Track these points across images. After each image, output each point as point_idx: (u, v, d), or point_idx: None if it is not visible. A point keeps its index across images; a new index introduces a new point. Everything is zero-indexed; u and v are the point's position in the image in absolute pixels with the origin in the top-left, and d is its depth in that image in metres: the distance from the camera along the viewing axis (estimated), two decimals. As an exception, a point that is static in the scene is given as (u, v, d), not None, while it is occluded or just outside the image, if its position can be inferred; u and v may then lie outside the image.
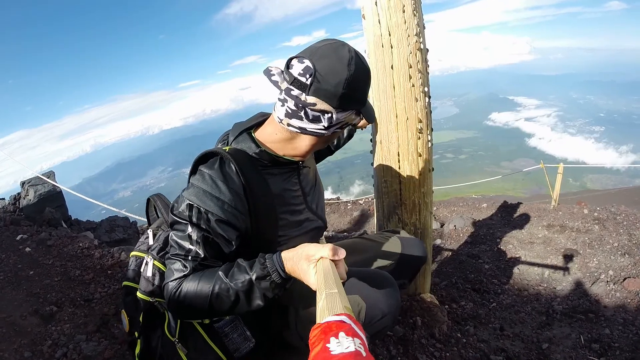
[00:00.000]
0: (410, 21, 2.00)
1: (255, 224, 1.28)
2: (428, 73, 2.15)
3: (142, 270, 1.50)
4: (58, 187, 5.70)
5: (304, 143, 1.32)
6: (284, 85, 1.22)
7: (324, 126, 1.24)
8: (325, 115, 1.21)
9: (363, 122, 2.27)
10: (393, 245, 1.84)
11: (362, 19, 2.12)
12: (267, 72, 1.26)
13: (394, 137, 2.16)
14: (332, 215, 6.49)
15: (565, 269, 3.52)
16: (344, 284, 0.99)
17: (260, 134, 1.37)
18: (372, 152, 2.34)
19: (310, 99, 1.19)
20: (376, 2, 2.02)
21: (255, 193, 1.27)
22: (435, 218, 5.48)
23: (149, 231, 1.64)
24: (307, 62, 1.18)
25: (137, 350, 1.48)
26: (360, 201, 6.88)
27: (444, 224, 5.19)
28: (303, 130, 1.26)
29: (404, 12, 1.99)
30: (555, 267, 3.60)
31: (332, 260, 1.05)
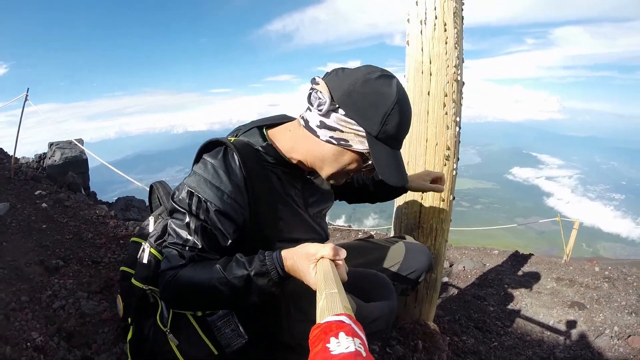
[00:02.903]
0: (451, 53, 2.10)
1: (254, 218, 1.26)
2: (461, 105, 2.23)
3: (138, 256, 1.48)
4: (85, 154, 5.83)
5: (306, 145, 1.28)
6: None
7: (320, 121, 1.21)
8: (319, 102, 1.17)
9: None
10: (397, 249, 1.79)
11: (406, 44, 2.24)
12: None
13: (422, 161, 2.22)
14: (340, 241, 6.47)
15: (570, 321, 3.48)
16: (344, 284, 0.96)
17: (273, 132, 1.36)
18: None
19: (319, 80, 1.20)
20: (421, 31, 2.13)
21: (256, 187, 1.25)
22: (445, 258, 5.45)
23: (150, 218, 1.63)
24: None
25: (129, 337, 1.48)
26: (372, 232, 6.87)
27: (453, 264, 5.17)
28: (306, 123, 1.25)
29: (446, 43, 2.10)
30: (560, 318, 3.56)
31: (333, 260, 1.04)
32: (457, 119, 2.19)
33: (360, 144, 1.19)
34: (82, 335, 1.96)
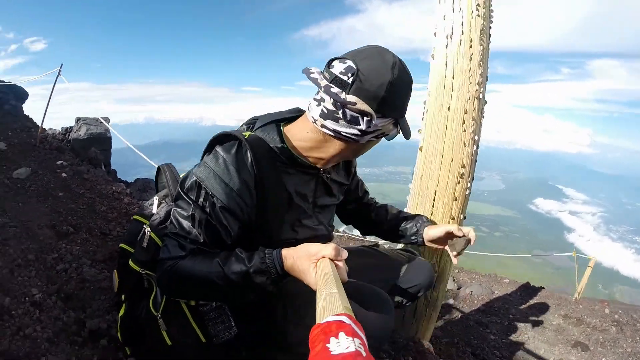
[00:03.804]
0: (475, 69, 2.07)
1: (260, 217, 1.25)
2: (481, 124, 2.20)
3: (139, 239, 1.46)
4: (110, 132, 6.00)
5: (333, 148, 1.29)
6: (324, 82, 1.18)
7: (360, 130, 1.21)
8: (364, 117, 1.18)
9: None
10: (400, 261, 1.78)
11: (431, 58, 2.21)
12: (307, 71, 1.24)
13: (435, 175, 2.20)
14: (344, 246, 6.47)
15: (571, 360, 3.38)
16: (344, 285, 0.95)
17: (289, 129, 1.34)
18: (411, 185, 2.37)
19: (351, 98, 1.15)
20: (447, 45, 2.12)
21: (265, 187, 1.23)
22: (454, 280, 5.41)
23: (155, 198, 1.60)
24: (350, 62, 1.17)
25: (121, 313, 1.49)
26: (385, 246, 6.82)
27: (460, 287, 5.10)
28: (337, 134, 1.23)
29: (470, 60, 2.07)
30: (561, 356, 3.45)
31: (333, 261, 1.03)
32: (476, 137, 2.15)
33: (394, 127, 1.30)
34: (79, 299, 2.01)
